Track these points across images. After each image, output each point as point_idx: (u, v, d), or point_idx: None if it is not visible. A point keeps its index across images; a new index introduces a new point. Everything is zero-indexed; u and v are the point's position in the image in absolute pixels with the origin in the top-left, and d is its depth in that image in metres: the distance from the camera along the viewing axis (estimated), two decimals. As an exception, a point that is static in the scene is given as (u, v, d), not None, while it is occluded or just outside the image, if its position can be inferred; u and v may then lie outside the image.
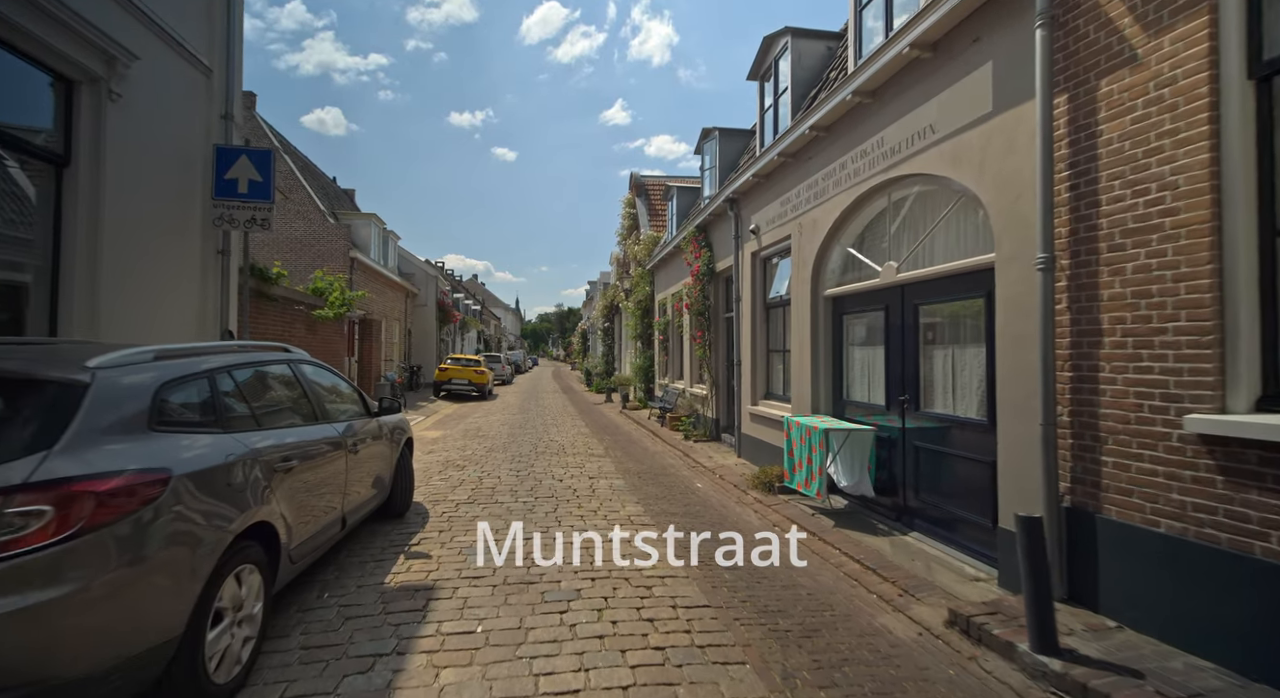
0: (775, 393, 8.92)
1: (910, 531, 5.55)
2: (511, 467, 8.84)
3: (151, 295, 6.37)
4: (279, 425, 3.68)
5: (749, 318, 9.41)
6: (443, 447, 10.68)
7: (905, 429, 5.72)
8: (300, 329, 10.72)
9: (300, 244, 17.86)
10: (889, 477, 5.99)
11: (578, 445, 11.06)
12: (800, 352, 7.52)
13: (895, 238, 5.99)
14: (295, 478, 3.55)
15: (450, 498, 6.90)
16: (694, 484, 7.99)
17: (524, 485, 7.59)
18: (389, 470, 5.63)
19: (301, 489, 3.65)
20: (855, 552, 5.05)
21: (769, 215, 8.62)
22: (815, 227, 7.18)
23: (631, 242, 21.58)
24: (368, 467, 5.02)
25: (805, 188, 7.46)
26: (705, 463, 9.27)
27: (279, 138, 19.66)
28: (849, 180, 6.45)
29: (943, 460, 5.23)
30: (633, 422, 15.26)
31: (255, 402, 3.55)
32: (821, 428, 6.03)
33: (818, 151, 7.13)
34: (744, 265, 9.66)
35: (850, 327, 6.92)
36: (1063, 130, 3.83)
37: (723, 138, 11.83)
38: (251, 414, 3.43)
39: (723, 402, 11.49)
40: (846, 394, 6.91)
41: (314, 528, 3.82)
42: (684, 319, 13.64)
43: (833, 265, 7.12)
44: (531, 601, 4.03)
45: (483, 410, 17.95)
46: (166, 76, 6.67)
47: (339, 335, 13.21)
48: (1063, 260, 3.81)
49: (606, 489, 7.48)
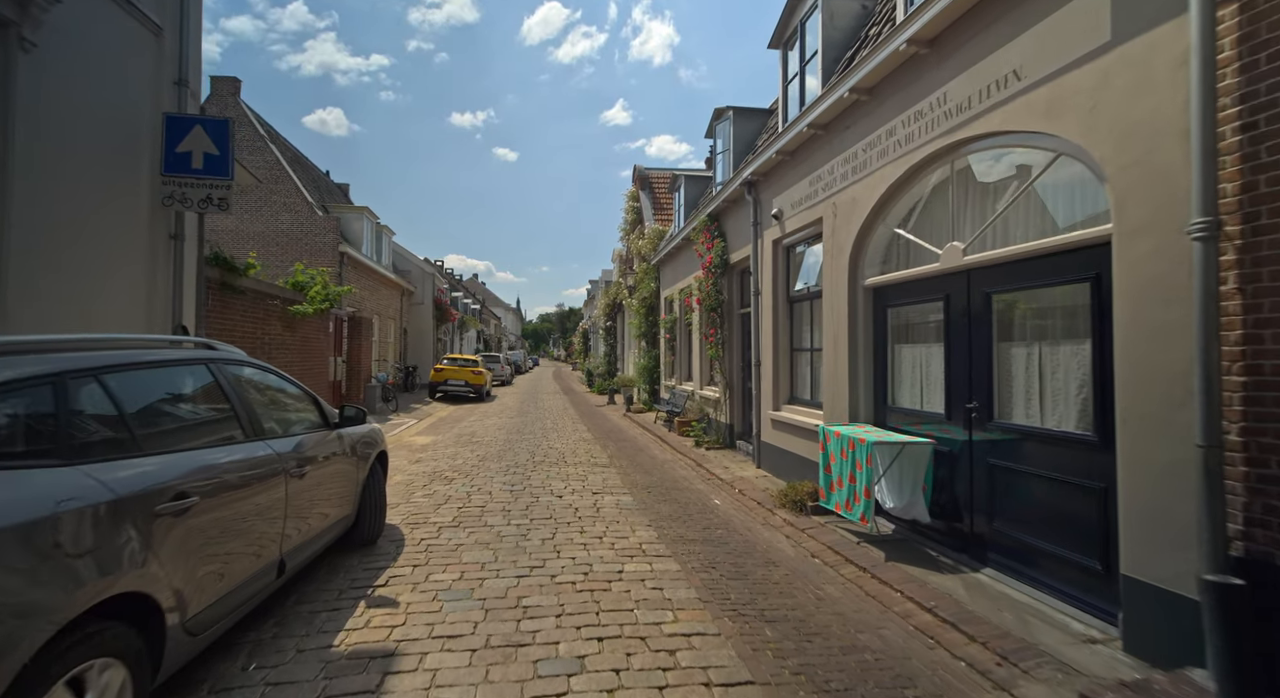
0: (801, 397, 7.96)
1: (981, 566, 4.59)
2: (505, 480, 7.89)
3: (83, 285, 5.42)
4: (178, 448, 2.74)
5: (770, 313, 8.45)
6: (432, 455, 9.73)
7: (972, 443, 4.77)
8: (276, 326, 9.79)
9: (287, 238, 16.92)
10: (949, 499, 5.03)
11: (579, 453, 10.11)
12: (835, 351, 6.56)
13: (959, 214, 5.03)
14: (197, 520, 2.61)
15: (432, 520, 5.95)
16: (711, 501, 7.04)
17: (518, 504, 6.64)
18: (353, 492, 4.68)
19: (209, 534, 2.71)
20: (922, 596, 4.10)
21: (794, 197, 7.66)
22: (854, 206, 6.23)
23: (635, 236, 20.63)
24: (323, 491, 4.08)
25: (841, 162, 6.50)
26: (721, 475, 8.31)
27: (266, 127, 18.74)
28: (898, 149, 5.49)
29: (1027, 483, 4.27)
30: (638, 426, 14.30)
31: (139, 418, 2.60)
32: (869, 441, 5.07)
33: (858, 119, 6.17)
34: (764, 255, 8.70)
35: (897, 321, 5.96)
36: (1230, 52, 2.87)
37: (737, 118, 10.87)
38: (129, 436, 2.48)
39: (737, 406, 10.53)
40: (891, 400, 5.96)
41: (230, 584, 2.88)
42: (694, 316, 12.69)
43: (875, 250, 6.16)
44: (520, 676, 3.07)
45: (479, 413, 17.01)
46: (101, 30, 5.72)
47: (322, 334, 12.27)
48: (1230, 226, 2.86)
49: (612, 508, 6.53)
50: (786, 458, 7.81)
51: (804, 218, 7.41)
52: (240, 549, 2.99)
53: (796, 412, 7.74)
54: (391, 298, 23.36)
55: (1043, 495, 4.14)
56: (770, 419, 8.33)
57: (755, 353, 8.91)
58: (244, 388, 3.47)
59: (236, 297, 8.35)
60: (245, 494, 3.05)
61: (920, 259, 5.52)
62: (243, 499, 3.03)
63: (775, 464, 8.18)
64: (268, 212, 17.02)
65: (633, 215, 22.08)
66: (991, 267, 4.57)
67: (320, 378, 11.98)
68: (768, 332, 8.52)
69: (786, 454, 7.81)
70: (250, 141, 17.34)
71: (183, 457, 2.70)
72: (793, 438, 7.64)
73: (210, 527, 2.72)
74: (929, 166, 5.25)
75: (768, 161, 8.07)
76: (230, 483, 2.94)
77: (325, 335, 12.68)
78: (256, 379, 3.81)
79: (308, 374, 11.23)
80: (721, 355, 10.74)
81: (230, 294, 8.16)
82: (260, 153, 17.27)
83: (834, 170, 6.65)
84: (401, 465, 8.81)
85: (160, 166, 6.33)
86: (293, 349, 10.53)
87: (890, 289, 5.94)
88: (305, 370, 11.08)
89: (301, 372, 10.86)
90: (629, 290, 21.00)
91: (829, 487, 5.83)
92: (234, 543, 2.94)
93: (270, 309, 9.62)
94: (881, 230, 6.05)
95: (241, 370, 3.59)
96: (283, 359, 10.05)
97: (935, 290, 5.22)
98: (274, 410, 3.83)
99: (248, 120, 17.47)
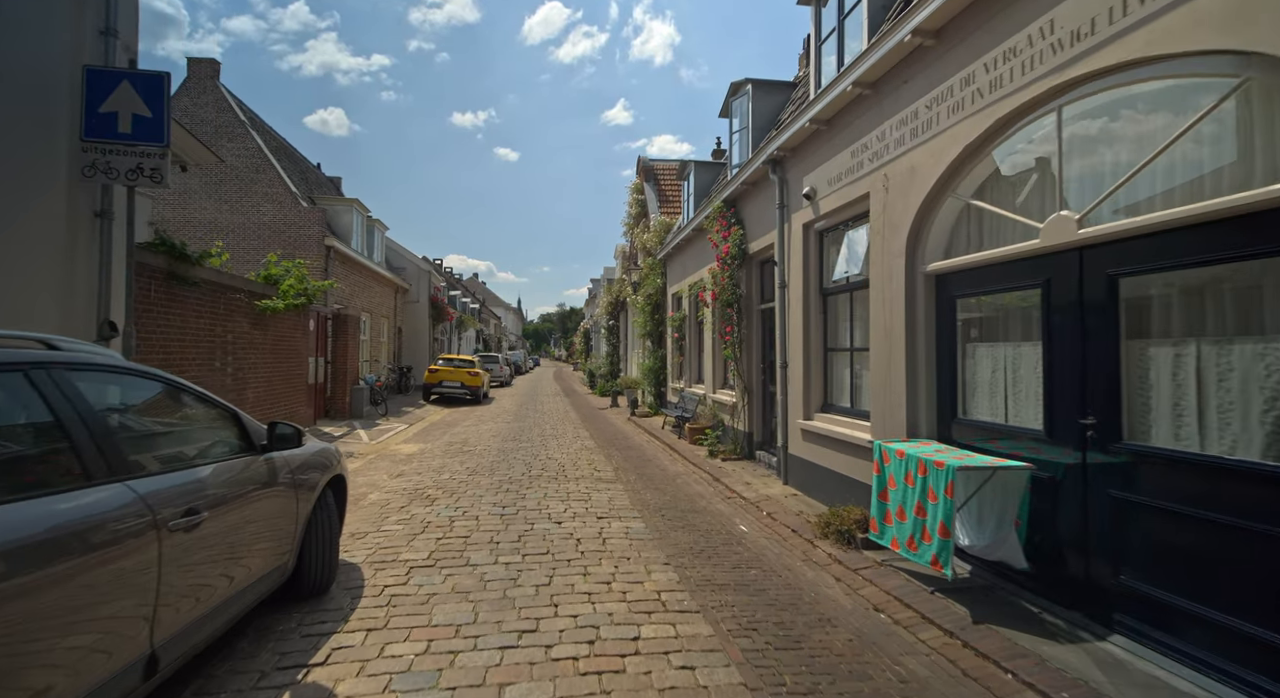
0: (838, 405, 6.89)
1: (1108, 632, 3.53)
2: (496, 499, 6.83)
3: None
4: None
5: (799, 307, 7.39)
6: (416, 468, 8.67)
7: (1087, 469, 3.70)
8: (241, 324, 8.74)
9: (268, 230, 15.87)
10: (1049, 539, 3.97)
11: (581, 465, 9.05)
12: (887, 351, 5.50)
13: (1069, 176, 3.96)
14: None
15: (404, 557, 4.88)
16: (736, 527, 5.98)
17: (509, 532, 5.58)
18: (291, 533, 3.62)
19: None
20: (1046, 682, 3.03)
21: (832, 172, 6.60)
22: (912, 176, 5.16)
23: (640, 230, 19.56)
24: (237, 540, 3.02)
25: (895, 126, 5.43)
26: (744, 493, 7.25)
27: (248, 112, 17.68)
28: (977, 100, 4.43)
29: (1177, 525, 3.21)
30: (644, 432, 13.24)
31: None
32: (950, 466, 4.00)
33: (920, 70, 5.11)
34: (792, 241, 7.64)
35: (970, 314, 4.90)
36: None
37: (757, 92, 9.79)
38: None
39: (757, 412, 9.47)
40: (961, 410, 4.89)
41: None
42: (706, 312, 11.63)
43: (939, 229, 5.10)
44: None
45: (474, 417, 15.96)
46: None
47: (300, 332, 11.21)
48: None
49: (621, 538, 5.47)
50: (820, 475, 6.75)
51: (844, 195, 6.34)
52: (61, 658, 1.93)
53: (833, 422, 6.67)
54: (384, 296, 22.30)
55: (1204, 544, 3.07)
56: (800, 429, 7.27)
57: (781, 353, 7.84)
58: (92, 406, 2.40)
59: (189, 289, 7.30)
60: (75, 567, 1.99)
61: (1004, 237, 4.46)
62: (71, 576, 1.97)
63: (806, 481, 7.12)
64: (248, 203, 15.97)
65: (637, 208, 21.01)
66: (1123, 241, 3.51)
67: (297, 381, 10.92)
68: (796, 329, 7.46)
69: (820, 470, 6.75)
70: (230, 128, 16.29)
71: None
72: (828, 452, 6.58)
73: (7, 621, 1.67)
74: (1026, 116, 4.17)
75: (799, 133, 7.01)
76: (44, 552, 1.88)
77: (304, 334, 11.63)
78: (126, 393, 2.75)
79: (281, 377, 10.17)
80: (738, 356, 9.68)
81: (181, 286, 7.11)
82: (241, 140, 16.22)
83: (885, 136, 5.58)
84: (380, 481, 7.76)
85: (80, 131, 5.29)
86: (263, 349, 9.48)
87: (960, 275, 4.87)
88: (278, 373, 10.03)
89: (273, 374, 9.80)
90: (633, 287, 19.94)
91: (884, 517, 4.77)
92: (50, 643, 1.88)
93: (234, 304, 8.56)
94: (950, 204, 4.98)
95: (96, 381, 2.53)
96: (250, 361, 9.00)
97: (1029, 275, 4.16)
98: (155, 436, 2.77)
99: (228, 105, 16.41)
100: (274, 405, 9.83)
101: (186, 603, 2.57)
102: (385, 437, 11.97)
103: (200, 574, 2.70)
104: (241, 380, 8.68)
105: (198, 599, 2.66)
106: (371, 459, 9.46)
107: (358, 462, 9.23)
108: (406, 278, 25.27)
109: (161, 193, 15.71)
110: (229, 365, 8.35)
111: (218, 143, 15.97)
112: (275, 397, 9.87)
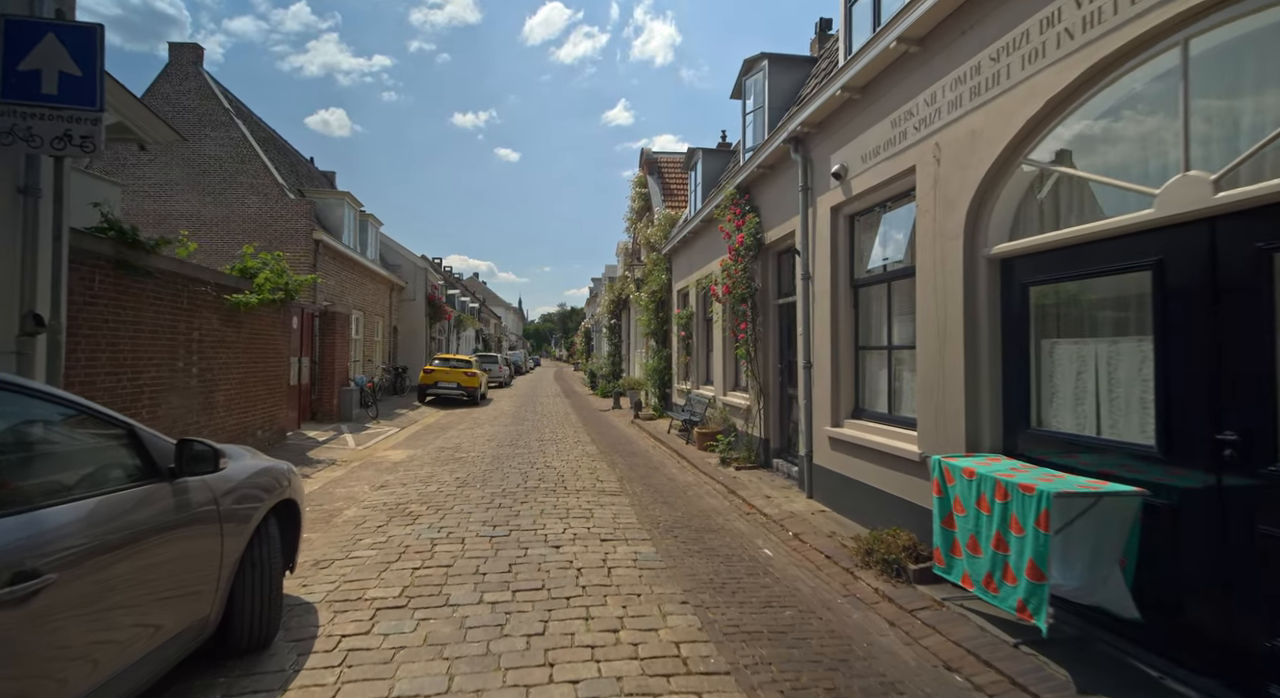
0: (873, 410, 6.10)
1: (1261, 710, 2.74)
2: (486, 517, 6.05)
3: None
4: None
5: (826, 301, 6.60)
6: (401, 478, 7.89)
7: (1225, 496, 2.92)
8: (210, 320, 7.95)
9: (253, 223, 15.09)
10: (1168, 583, 3.18)
11: (582, 475, 8.27)
12: (939, 349, 4.71)
13: (1194, 132, 3.17)
14: None
15: (370, 594, 4.10)
16: (760, 551, 5.20)
17: (498, 560, 4.79)
18: (213, 580, 2.84)
19: None
20: (1210, 794, 2.24)
21: (867, 147, 5.81)
22: (974, 143, 4.38)
23: (643, 225, 18.77)
24: (122, 598, 2.25)
25: (950, 86, 4.65)
26: (764, 508, 6.46)
27: (233, 101, 16.90)
28: (1066, 42, 3.64)
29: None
30: (648, 436, 12.45)
31: None
32: (1044, 492, 3.21)
33: (982, 17, 4.32)
34: (817, 227, 6.85)
35: (1046, 303, 4.11)
36: None
37: (773, 68, 9.00)
38: None
39: (773, 416, 8.68)
40: (1036, 420, 4.10)
41: None
42: (716, 309, 10.84)
43: (1006, 204, 4.31)
44: None
45: (470, 420, 15.18)
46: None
47: (280, 330, 10.43)
48: None
49: (629, 567, 4.69)
50: (852, 489, 5.96)
51: (882, 172, 5.55)
52: None
53: (867, 430, 5.88)
54: (378, 293, 21.52)
55: None
56: (827, 437, 6.48)
57: (805, 352, 7.05)
58: None
59: (143, 280, 6.51)
60: None
61: (1094, 210, 3.67)
62: None
63: (835, 496, 6.33)
64: (232, 194, 15.19)
65: (640, 202, 20.24)
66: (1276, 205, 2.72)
67: (276, 382, 10.14)
68: (823, 325, 6.67)
69: (852, 484, 5.96)
70: (214, 116, 15.51)
71: None
72: (862, 464, 5.79)
73: None
74: (1127, 61, 3.38)
75: (827, 104, 6.22)
76: None
77: (285, 332, 10.85)
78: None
79: (258, 378, 9.39)
80: (753, 355, 8.89)
81: (133, 276, 6.33)
82: (225, 128, 15.44)
83: (937, 99, 4.80)
84: (359, 494, 6.98)
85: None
86: (236, 348, 8.70)
87: (1033, 259, 4.08)
88: (254, 374, 9.25)
89: (247, 376, 9.02)
90: (636, 284, 19.14)
91: (951, 548, 3.97)
92: None
93: (200, 298, 7.78)
94: (1018, 174, 4.19)
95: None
96: (221, 360, 8.23)
97: (1134, 254, 3.37)
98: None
99: (211, 92, 15.63)
100: (248, 409, 9.05)
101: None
102: (373, 442, 11.19)
103: (48, 657, 1.92)
104: (209, 382, 7.90)
105: (59, 682, 1.88)
106: (354, 467, 8.68)
107: (339, 470, 8.45)
108: (402, 275, 24.49)
109: (139, 184, 14.95)
110: (194, 365, 7.57)
111: (200, 131, 15.21)
112: (250, 399, 9.09)
